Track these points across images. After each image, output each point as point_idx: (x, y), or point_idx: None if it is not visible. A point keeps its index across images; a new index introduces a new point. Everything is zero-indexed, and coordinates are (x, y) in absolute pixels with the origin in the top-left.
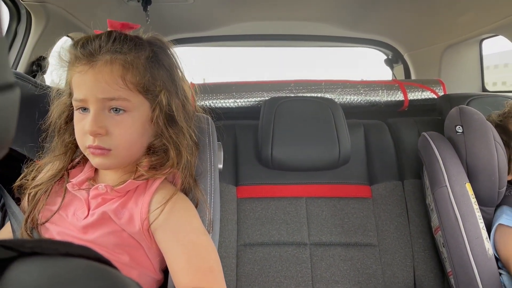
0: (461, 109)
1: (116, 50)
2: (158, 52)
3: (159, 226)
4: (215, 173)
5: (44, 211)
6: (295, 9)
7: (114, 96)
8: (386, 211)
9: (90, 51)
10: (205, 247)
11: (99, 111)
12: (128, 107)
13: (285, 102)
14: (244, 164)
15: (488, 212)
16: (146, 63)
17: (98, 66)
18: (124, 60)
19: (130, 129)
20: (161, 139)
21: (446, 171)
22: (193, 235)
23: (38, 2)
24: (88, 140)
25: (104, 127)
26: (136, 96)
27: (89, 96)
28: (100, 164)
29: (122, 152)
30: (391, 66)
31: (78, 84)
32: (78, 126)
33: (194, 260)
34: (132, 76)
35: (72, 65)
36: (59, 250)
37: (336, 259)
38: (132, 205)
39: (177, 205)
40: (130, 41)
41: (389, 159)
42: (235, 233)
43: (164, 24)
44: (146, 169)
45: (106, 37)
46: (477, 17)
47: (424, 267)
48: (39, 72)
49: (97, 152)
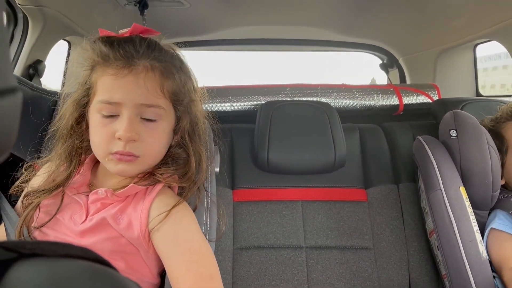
0: (455, 113)
1: (155, 56)
2: (183, 61)
3: (159, 232)
4: (211, 177)
5: (41, 215)
6: (291, 14)
7: (152, 103)
8: (381, 214)
9: (131, 53)
10: (205, 254)
11: (133, 116)
12: (161, 115)
13: (281, 106)
14: (240, 168)
15: (482, 216)
16: (179, 72)
17: (138, 72)
18: (163, 67)
19: (160, 137)
20: (184, 149)
21: (440, 174)
22: (193, 241)
23: (35, 5)
24: (116, 145)
25: (138, 133)
26: (168, 105)
27: (126, 100)
28: (123, 171)
29: (149, 159)
30: (386, 71)
31: (111, 87)
32: (103, 129)
33: (195, 266)
34: (169, 84)
35: (103, 65)
36: (59, 251)
37: (331, 262)
38: (131, 210)
39: (177, 211)
40: (164, 50)
41: (384, 163)
42: (231, 237)
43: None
44: (166, 177)
45: (140, 41)
46: (470, 23)
47: (419, 270)
48: (36, 76)
49: (125, 158)
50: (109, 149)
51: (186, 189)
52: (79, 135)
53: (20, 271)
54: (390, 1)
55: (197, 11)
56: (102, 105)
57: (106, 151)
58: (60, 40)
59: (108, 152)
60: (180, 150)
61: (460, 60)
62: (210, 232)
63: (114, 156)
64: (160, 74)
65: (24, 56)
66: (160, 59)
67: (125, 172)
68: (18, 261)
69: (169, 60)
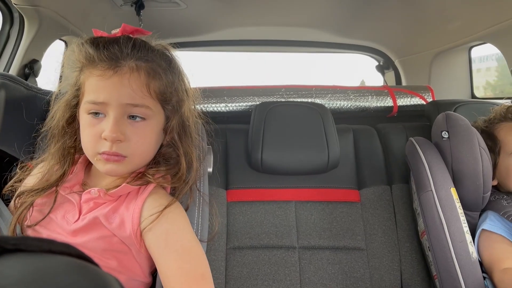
0: (447, 115)
1: (140, 57)
2: (172, 61)
3: (151, 232)
4: (204, 177)
5: (34, 213)
6: (287, 15)
7: (138, 103)
8: (374, 215)
9: (116, 54)
10: (196, 253)
11: (119, 116)
12: (148, 115)
13: (276, 106)
14: (234, 168)
15: (473, 217)
16: (166, 72)
17: (123, 72)
18: (149, 67)
19: (147, 137)
20: (174, 149)
21: (431, 175)
22: (185, 241)
23: (31, 5)
24: (103, 146)
25: (124, 133)
26: (156, 105)
27: (111, 100)
28: (111, 170)
29: (137, 160)
30: (382, 72)
31: (98, 88)
32: (91, 130)
33: (186, 266)
34: (155, 84)
35: (90, 66)
36: (42, 247)
37: (324, 263)
38: (123, 210)
39: (170, 211)
40: (151, 49)
41: (378, 164)
42: (225, 237)
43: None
44: (157, 178)
45: (126, 42)
46: (465, 25)
47: (411, 270)
48: (32, 75)
49: (112, 158)
50: (97, 149)
51: (178, 189)
52: (72, 135)
53: (3, 265)
54: (386, 3)
55: (193, 12)
56: (89, 105)
57: (95, 151)
58: (56, 40)
59: (96, 152)
60: (170, 150)
61: (455, 62)
62: (202, 232)
63: (102, 156)
64: (146, 74)
65: (20, 56)
66: (146, 59)
67: (114, 172)
68: (2, 256)
69: (156, 60)
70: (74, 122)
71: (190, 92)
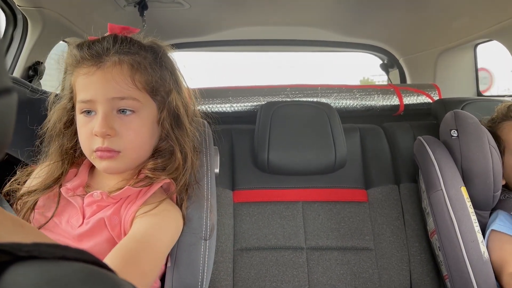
0: (455, 114)
1: (123, 51)
2: (161, 55)
3: (139, 218)
4: (211, 178)
5: (36, 216)
6: (291, 14)
7: (124, 96)
8: (382, 215)
9: (98, 52)
10: (157, 254)
11: (108, 112)
12: (137, 107)
13: (281, 106)
14: (240, 169)
15: (484, 216)
16: (152, 64)
17: (106, 67)
18: (133, 60)
19: (139, 129)
20: (168, 141)
21: (441, 175)
22: (157, 239)
23: (34, 7)
24: (96, 142)
25: (113, 128)
26: (144, 96)
27: (98, 97)
28: (108, 168)
29: (131, 154)
30: (386, 71)
31: (84, 86)
32: (84, 129)
33: (137, 255)
34: (141, 76)
35: (76, 67)
36: (56, 253)
37: (332, 263)
38: (122, 211)
39: (164, 209)
40: (136, 44)
41: (385, 163)
42: (232, 238)
43: (160, 29)
44: (151, 171)
45: (112, 40)
46: (471, 22)
47: (421, 270)
48: (36, 77)
49: (106, 155)
50: (92, 147)
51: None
52: (71, 137)
53: (17, 273)
54: (391, 2)
55: (197, 12)
56: (80, 104)
57: (90, 149)
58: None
59: (91, 150)
60: (164, 143)
61: (461, 60)
62: (206, 230)
63: (96, 154)
64: (129, 66)
65: (24, 58)
66: (129, 52)
67: (111, 169)
68: (14, 263)
69: (140, 52)
70: (73, 125)
71: (182, 84)
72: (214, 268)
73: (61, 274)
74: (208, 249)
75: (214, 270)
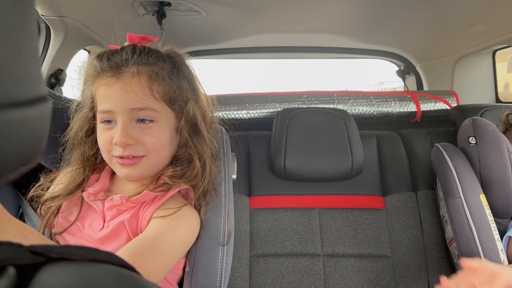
0: (474, 121)
1: (142, 62)
2: (179, 64)
3: (156, 219)
4: (229, 184)
5: (60, 220)
6: (308, 21)
7: (142, 106)
8: (399, 222)
9: (117, 63)
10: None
11: (127, 122)
12: (155, 117)
13: (298, 113)
14: (257, 175)
15: (503, 224)
16: (170, 74)
17: (125, 78)
18: (151, 71)
19: (158, 135)
20: (186, 149)
21: (460, 182)
22: (168, 244)
23: (57, 16)
24: (116, 150)
25: (133, 137)
26: (162, 106)
27: (117, 108)
28: (128, 174)
29: (154, 158)
30: (403, 77)
31: (104, 96)
32: (104, 136)
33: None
34: (159, 86)
35: (97, 78)
36: (86, 256)
37: (349, 271)
38: (140, 213)
39: (181, 214)
40: (154, 54)
41: (402, 170)
42: (248, 244)
43: (178, 37)
44: (170, 178)
45: (130, 50)
46: (489, 29)
47: (439, 279)
48: (58, 84)
49: (128, 162)
50: (111, 154)
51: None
52: (92, 145)
53: (49, 275)
54: (407, 8)
55: (214, 20)
56: (100, 115)
57: (109, 155)
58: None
59: (111, 155)
60: (183, 150)
61: (479, 66)
62: (223, 235)
63: (117, 160)
64: (148, 77)
65: (46, 66)
66: (147, 63)
67: (130, 176)
68: (46, 265)
69: (158, 62)
70: (94, 133)
71: (200, 92)
72: (230, 274)
73: (93, 276)
74: (226, 254)
75: (230, 276)
